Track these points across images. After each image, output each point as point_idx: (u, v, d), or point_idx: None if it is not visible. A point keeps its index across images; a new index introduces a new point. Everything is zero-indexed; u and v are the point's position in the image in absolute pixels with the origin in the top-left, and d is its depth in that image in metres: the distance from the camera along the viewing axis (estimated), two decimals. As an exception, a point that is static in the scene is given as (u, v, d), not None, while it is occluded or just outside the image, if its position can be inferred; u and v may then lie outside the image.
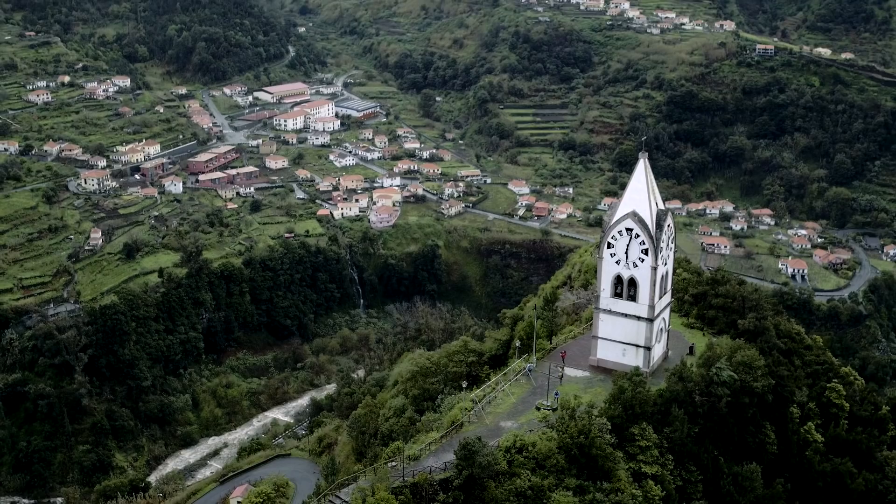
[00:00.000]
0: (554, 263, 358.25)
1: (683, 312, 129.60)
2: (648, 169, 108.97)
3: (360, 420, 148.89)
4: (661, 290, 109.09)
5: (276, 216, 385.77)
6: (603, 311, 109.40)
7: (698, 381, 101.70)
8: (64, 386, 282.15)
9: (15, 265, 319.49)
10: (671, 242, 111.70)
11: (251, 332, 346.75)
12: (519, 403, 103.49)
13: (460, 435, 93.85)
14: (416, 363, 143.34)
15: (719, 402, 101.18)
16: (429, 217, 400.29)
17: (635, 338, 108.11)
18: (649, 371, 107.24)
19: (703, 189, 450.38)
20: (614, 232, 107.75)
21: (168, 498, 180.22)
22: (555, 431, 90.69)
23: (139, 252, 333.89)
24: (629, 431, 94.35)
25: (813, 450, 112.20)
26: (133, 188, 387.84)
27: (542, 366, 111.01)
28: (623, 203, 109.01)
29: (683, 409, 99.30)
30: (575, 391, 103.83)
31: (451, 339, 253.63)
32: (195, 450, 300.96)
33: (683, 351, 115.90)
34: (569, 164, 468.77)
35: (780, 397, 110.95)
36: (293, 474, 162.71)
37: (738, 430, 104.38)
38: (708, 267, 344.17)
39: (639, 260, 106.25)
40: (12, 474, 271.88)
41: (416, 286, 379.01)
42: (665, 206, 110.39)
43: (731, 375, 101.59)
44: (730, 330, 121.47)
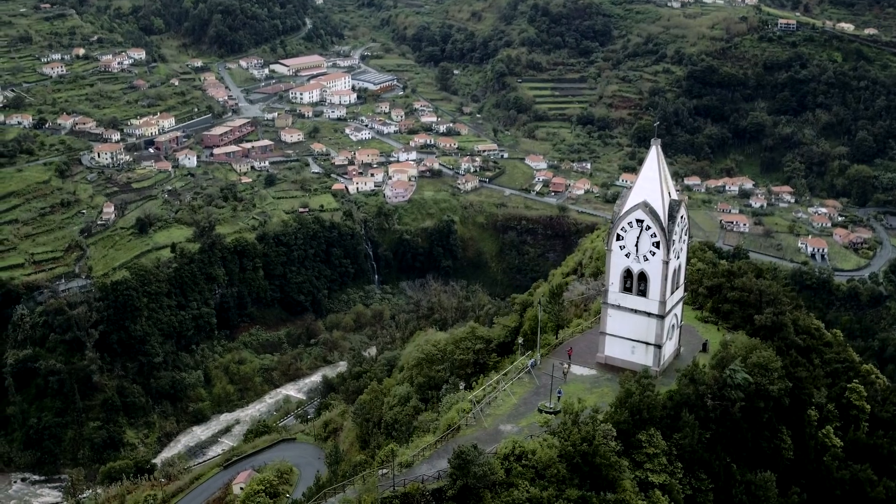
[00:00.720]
0: (570, 240, 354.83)
1: (697, 305, 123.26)
2: (661, 156, 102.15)
3: (365, 406, 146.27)
4: (674, 285, 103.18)
5: (290, 190, 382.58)
6: (611, 307, 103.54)
7: (711, 383, 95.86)
8: (75, 362, 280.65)
9: (27, 240, 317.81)
10: (685, 234, 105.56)
11: (264, 308, 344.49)
12: (520, 404, 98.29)
13: (457, 440, 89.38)
14: (421, 350, 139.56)
15: (733, 406, 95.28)
16: (444, 192, 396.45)
17: (645, 335, 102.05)
18: (659, 370, 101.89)
19: (722, 165, 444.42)
20: (624, 223, 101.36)
21: (172, 480, 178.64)
22: (556, 438, 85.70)
23: (152, 227, 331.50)
24: (636, 438, 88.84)
25: (831, 455, 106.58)
26: (147, 162, 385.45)
27: (547, 363, 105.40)
28: (633, 192, 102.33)
29: (694, 413, 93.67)
30: (580, 391, 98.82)
31: (465, 318, 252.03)
32: (207, 426, 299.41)
33: (696, 347, 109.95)
34: (587, 139, 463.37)
35: (798, 400, 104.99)
36: (298, 460, 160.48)
37: (752, 436, 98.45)
38: (726, 245, 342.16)
39: (650, 253, 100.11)
40: (23, 451, 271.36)
41: (432, 262, 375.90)
42: (679, 195, 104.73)
43: (745, 378, 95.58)
44: (746, 325, 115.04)
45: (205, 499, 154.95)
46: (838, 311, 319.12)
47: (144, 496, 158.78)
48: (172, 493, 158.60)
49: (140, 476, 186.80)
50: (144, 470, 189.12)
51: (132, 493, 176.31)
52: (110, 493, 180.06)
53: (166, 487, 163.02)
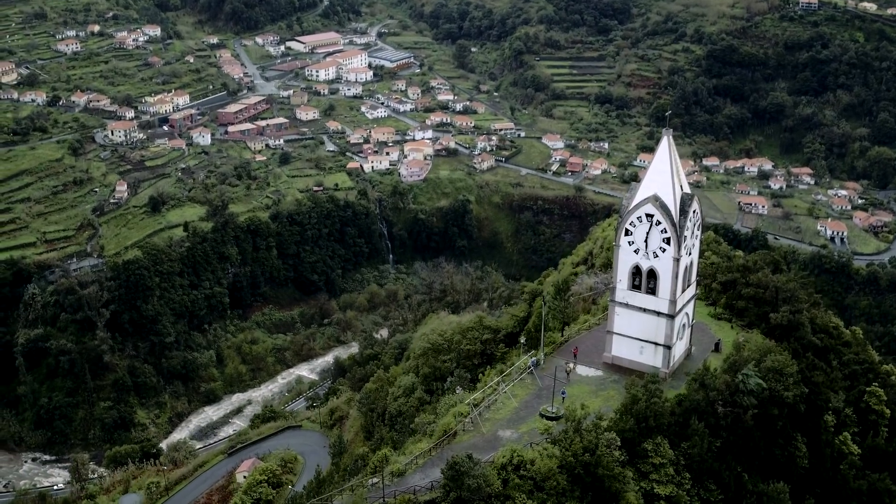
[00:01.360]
0: (587, 221, 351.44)
1: (711, 301, 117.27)
2: (673, 147, 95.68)
3: (370, 396, 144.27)
4: (685, 283, 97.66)
5: (304, 169, 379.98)
6: (619, 305, 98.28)
7: (722, 389, 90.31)
8: (86, 342, 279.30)
9: (39, 219, 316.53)
10: (697, 230, 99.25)
11: (278, 288, 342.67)
12: (521, 408, 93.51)
13: (453, 446, 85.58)
14: (428, 339, 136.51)
15: (745, 413, 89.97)
16: (460, 171, 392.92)
17: (654, 335, 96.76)
18: (669, 372, 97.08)
19: (741, 146, 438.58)
20: (633, 217, 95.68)
21: (178, 465, 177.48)
22: (557, 447, 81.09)
23: (165, 205, 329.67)
24: (641, 447, 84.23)
25: (848, 464, 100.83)
26: (161, 140, 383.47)
27: (551, 363, 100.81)
28: (643, 185, 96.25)
29: (704, 421, 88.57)
30: (585, 394, 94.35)
31: (478, 301, 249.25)
32: (219, 407, 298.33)
33: (708, 347, 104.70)
34: (605, 119, 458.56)
35: (814, 405, 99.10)
36: (303, 448, 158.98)
37: (764, 444, 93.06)
38: (744, 227, 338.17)
39: (660, 250, 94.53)
40: (34, 430, 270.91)
41: (447, 242, 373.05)
42: (691, 189, 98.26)
43: (759, 384, 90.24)
44: (761, 323, 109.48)
45: (208, 487, 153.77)
46: (857, 296, 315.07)
47: (147, 483, 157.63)
48: (176, 480, 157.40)
49: (146, 461, 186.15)
50: (150, 455, 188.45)
51: (137, 477, 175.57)
52: (115, 477, 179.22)
53: (170, 474, 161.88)
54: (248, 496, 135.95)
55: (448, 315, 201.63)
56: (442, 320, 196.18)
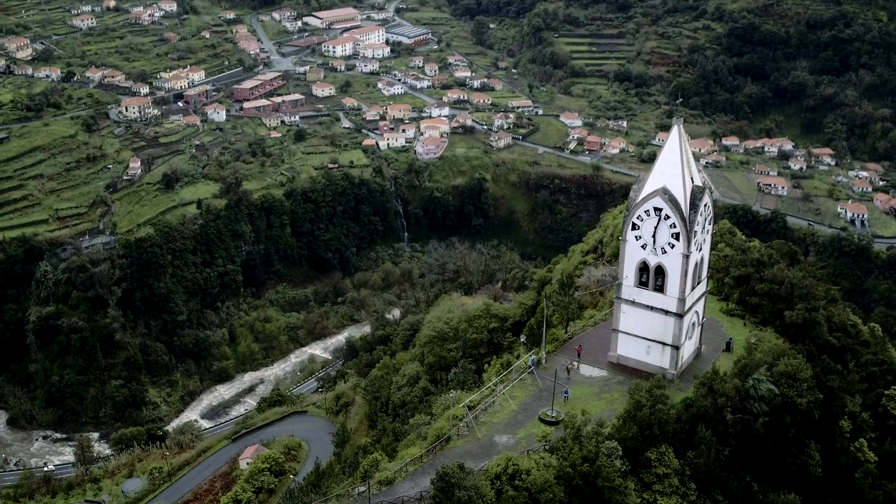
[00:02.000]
0: (604, 200, 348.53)
1: (723, 296, 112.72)
2: (684, 136, 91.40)
3: (375, 383, 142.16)
4: (695, 280, 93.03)
5: (320, 146, 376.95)
6: (625, 302, 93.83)
7: (731, 394, 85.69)
8: (97, 320, 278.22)
9: (51, 195, 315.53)
10: (708, 224, 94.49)
11: (291, 265, 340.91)
12: (520, 411, 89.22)
13: (446, 452, 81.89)
14: (433, 327, 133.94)
15: (755, 421, 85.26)
16: (477, 149, 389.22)
17: (662, 334, 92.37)
18: (676, 373, 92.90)
19: (761, 125, 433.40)
20: (640, 211, 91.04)
21: (184, 449, 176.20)
22: (554, 456, 77.17)
23: (178, 182, 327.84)
24: (645, 456, 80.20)
25: (864, 472, 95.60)
26: (175, 116, 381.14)
27: (554, 362, 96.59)
28: (652, 177, 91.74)
29: (712, 428, 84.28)
30: (587, 395, 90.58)
31: (491, 282, 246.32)
32: (231, 385, 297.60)
33: (719, 346, 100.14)
34: (624, 97, 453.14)
35: (829, 411, 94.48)
36: (307, 434, 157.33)
37: (776, 452, 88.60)
38: (764, 208, 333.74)
39: (668, 245, 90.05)
40: (45, 408, 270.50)
41: (462, 220, 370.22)
42: (703, 181, 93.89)
43: (770, 389, 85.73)
44: (775, 321, 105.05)
45: (211, 473, 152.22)
46: (877, 280, 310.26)
47: (150, 468, 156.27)
48: (179, 466, 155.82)
49: (152, 443, 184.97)
50: (156, 437, 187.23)
51: (143, 460, 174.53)
52: (121, 460, 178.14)
53: (173, 459, 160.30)
54: (249, 484, 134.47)
55: (461, 296, 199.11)
56: (454, 301, 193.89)
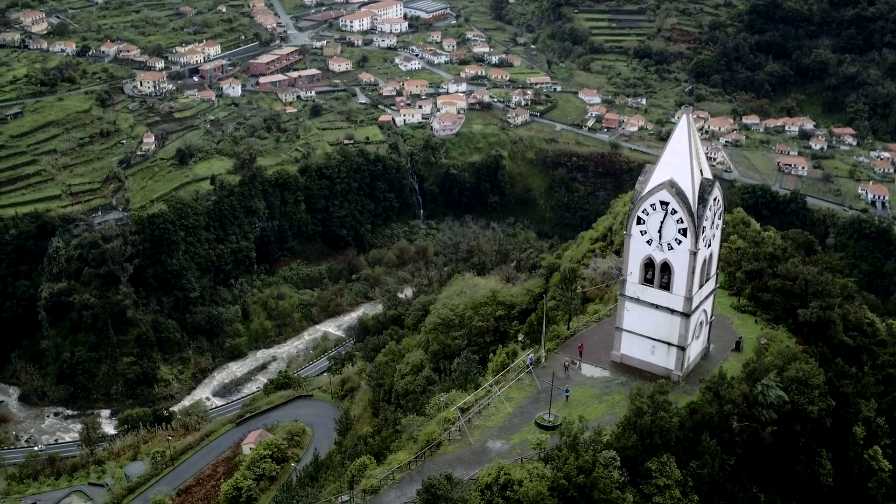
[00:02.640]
0: (622, 179, 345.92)
1: (734, 290, 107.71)
2: (693, 127, 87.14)
3: (380, 370, 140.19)
4: (703, 278, 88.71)
5: (336, 121, 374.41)
6: (629, 299, 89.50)
7: (738, 401, 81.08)
8: (109, 296, 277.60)
9: (65, 171, 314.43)
10: (718, 219, 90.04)
11: (306, 242, 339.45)
12: (516, 414, 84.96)
13: (435, 459, 77.98)
14: (439, 315, 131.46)
15: (763, 429, 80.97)
16: (494, 126, 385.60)
17: (667, 334, 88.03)
18: (682, 375, 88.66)
19: (782, 104, 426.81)
20: (646, 205, 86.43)
21: (190, 430, 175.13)
22: (548, 467, 72.78)
23: (192, 158, 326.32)
24: (645, 466, 75.92)
25: (877, 481, 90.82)
26: (190, 91, 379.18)
27: (555, 361, 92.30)
28: (659, 169, 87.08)
29: (717, 437, 79.75)
30: (588, 398, 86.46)
31: (505, 262, 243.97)
32: (243, 363, 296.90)
33: (729, 345, 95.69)
34: (643, 74, 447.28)
35: (842, 418, 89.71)
36: (312, 419, 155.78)
37: (784, 461, 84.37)
38: (783, 188, 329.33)
39: (675, 241, 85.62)
40: (56, 385, 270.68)
41: (478, 198, 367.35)
42: (712, 174, 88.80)
43: (780, 396, 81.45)
44: (788, 319, 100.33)
45: (214, 458, 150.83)
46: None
47: (153, 452, 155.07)
48: (182, 450, 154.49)
49: (158, 425, 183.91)
50: (162, 418, 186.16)
51: (149, 442, 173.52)
52: (126, 441, 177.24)
53: (176, 443, 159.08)
54: (250, 471, 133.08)
55: (473, 277, 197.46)
56: (467, 282, 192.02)
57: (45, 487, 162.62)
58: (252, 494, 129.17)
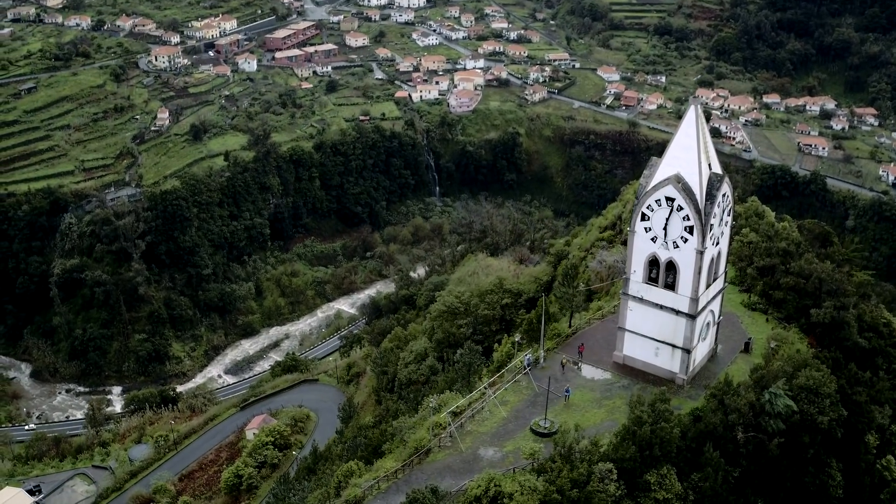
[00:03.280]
0: (640, 157, 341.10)
1: (745, 287, 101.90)
2: (701, 119, 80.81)
3: (384, 356, 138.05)
4: (710, 278, 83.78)
5: (352, 97, 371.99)
6: (632, 299, 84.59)
7: (744, 410, 75.93)
8: (121, 273, 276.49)
9: (78, 146, 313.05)
10: (727, 216, 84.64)
11: (320, 219, 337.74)
12: (511, 418, 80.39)
13: (423, 467, 74.28)
14: (444, 302, 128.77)
15: (770, 440, 75.83)
16: (511, 103, 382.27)
17: (672, 336, 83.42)
18: (687, 378, 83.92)
19: (804, 83, 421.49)
20: (651, 200, 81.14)
21: (196, 413, 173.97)
22: (541, 479, 68.25)
23: (206, 134, 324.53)
24: (643, 479, 71.03)
25: (890, 492, 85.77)
26: (205, 66, 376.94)
27: (554, 361, 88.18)
28: (664, 162, 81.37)
29: (721, 448, 74.52)
30: (587, 402, 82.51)
31: (519, 242, 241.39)
32: (256, 340, 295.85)
33: (737, 346, 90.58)
34: (663, 51, 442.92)
35: (854, 428, 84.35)
36: (317, 404, 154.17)
37: (791, 473, 79.16)
38: (803, 169, 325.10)
39: (681, 240, 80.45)
40: (68, 362, 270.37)
41: (495, 175, 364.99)
42: (721, 169, 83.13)
43: (788, 406, 76.32)
44: (800, 318, 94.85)
45: (218, 442, 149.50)
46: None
47: (156, 436, 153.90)
48: (186, 434, 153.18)
49: (164, 406, 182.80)
50: (169, 400, 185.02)
51: (154, 423, 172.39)
52: (132, 423, 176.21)
53: (180, 426, 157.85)
54: (252, 458, 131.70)
55: (486, 257, 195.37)
56: (479, 263, 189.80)
57: (49, 469, 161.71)
58: (253, 482, 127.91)
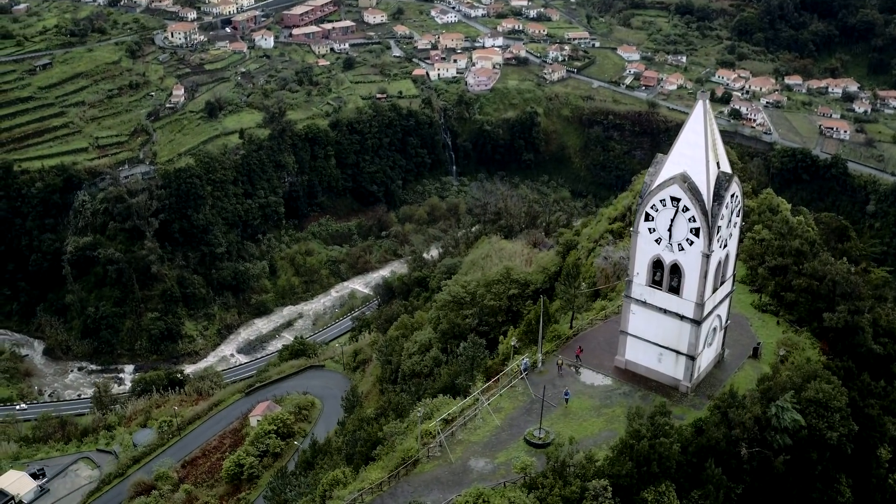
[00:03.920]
0: (659, 138, 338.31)
1: (756, 286, 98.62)
2: (710, 114, 76.77)
3: (389, 345, 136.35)
4: (717, 281, 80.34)
5: (369, 75, 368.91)
6: (635, 302, 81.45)
7: (749, 425, 72.01)
8: (134, 251, 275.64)
9: (92, 123, 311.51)
10: (736, 217, 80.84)
11: (335, 198, 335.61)
12: (504, 427, 76.98)
13: (410, 479, 71.17)
14: (450, 291, 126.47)
15: (775, 457, 72.32)
16: (529, 82, 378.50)
17: (676, 342, 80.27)
18: (692, 386, 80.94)
19: (826, 64, 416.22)
20: (655, 200, 77.73)
21: (203, 396, 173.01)
22: (531, 496, 64.85)
23: (222, 111, 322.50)
24: (640, 496, 67.64)
25: None
26: (221, 42, 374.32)
27: (552, 364, 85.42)
28: (670, 160, 77.59)
29: (723, 464, 70.66)
30: (585, 410, 78.95)
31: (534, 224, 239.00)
32: (269, 319, 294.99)
33: (745, 351, 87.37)
34: (684, 30, 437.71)
35: (865, 443, 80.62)
36: (322, 391, 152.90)
37: (797, 491, 75.69)
38: (824, 152, 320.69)
39: (686, 242, 77.05)
40: (80, 339, 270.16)
41: (512, 155, 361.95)
42: (730, 167, 79.62)
43: (796, 421, 72.80)
44: (813, 321, 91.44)
45: (222, 428, 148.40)
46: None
47: (160, 422, 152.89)
48: (190, 419, 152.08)
49: (171, 389, 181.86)
50: (176, 382, 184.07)
51: (161, 406, 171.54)
52: (138, 406, 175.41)
53: (185, 411, 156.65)
54: (254, 447, 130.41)
55: (500, 240, 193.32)
56: (493, 245, 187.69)
57: (54, 452, 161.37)
58: (254, 472, 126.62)
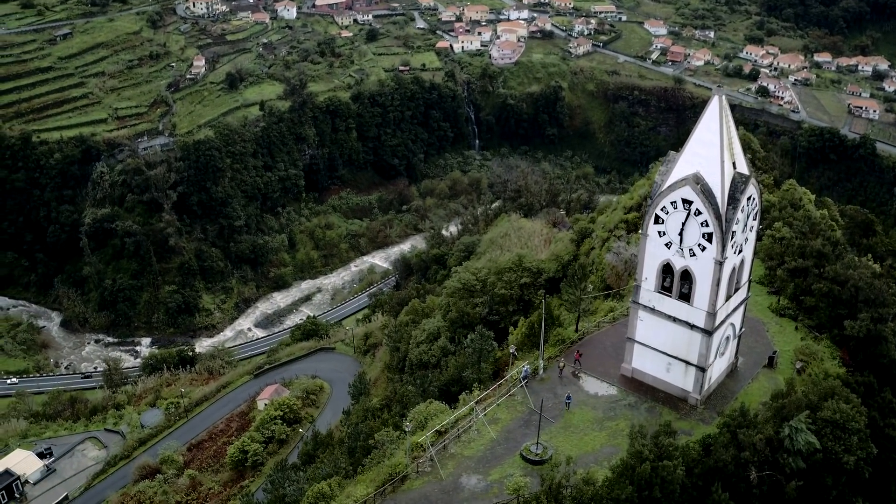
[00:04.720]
0: (684, 115, 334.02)
1: (774, 289, 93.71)
2: (727, 111, 70.28)
3: (399, 331, 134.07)
4: (731, 289, 75.08)
5: (392, 47, 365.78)
6: (643, 308, 76.41)
7: (760, 447, 67.03)
8: (152, 223, 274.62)
9: (112, 94, 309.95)
10: (752, 220, 74.90)
11: (356, 171, 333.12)
12: (500, 440, 72.45)
13: (397, 496, 67.52)
14: (460, 279, 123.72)
15: (787, 481, 67.46)
16: (554, 56, 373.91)
17: (685, 351, 75.34)
18: (701, 398, 76.16)
19: (856, 42, 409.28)
20: (666, 202, 72.21)
21: (213, 376, 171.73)
22: None
23: (242, 82, 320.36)
24: None
25: None
26: (244, 13, 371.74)
27: (555, 371, 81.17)
28: (682, 159, 71.92)
29: (730, 488, 65.76)
30: (587, 422, 74.51)
31: (554, 203, 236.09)
32: (287, 293, 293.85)
33: (760, 360, 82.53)
34: (713, 5, 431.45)
35: (885, 466, 75.89)
36: (331, 374, 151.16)
37: None
38: (853, 132, 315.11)
39: (698, 247, 71.67)
40: (98, 312, 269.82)
41: (536, 129, 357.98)
42: (748, 168, 73.70)
43: (810, 443, 67.83)
44: (833, 328, 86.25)
45: (229, 411, 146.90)
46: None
47: (167, 403, 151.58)
48: (198, 401, 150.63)
49: (182, 367, 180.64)
50: (187, 361, 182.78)
51: (171, 385, 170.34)
52: (148, 384, 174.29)
53: (193, 393, 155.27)
54: (259, 433, 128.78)
55: (520, 218, 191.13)
56: (512, 224, 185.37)
57: (62, 431, 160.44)
58: (258, 459, 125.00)
